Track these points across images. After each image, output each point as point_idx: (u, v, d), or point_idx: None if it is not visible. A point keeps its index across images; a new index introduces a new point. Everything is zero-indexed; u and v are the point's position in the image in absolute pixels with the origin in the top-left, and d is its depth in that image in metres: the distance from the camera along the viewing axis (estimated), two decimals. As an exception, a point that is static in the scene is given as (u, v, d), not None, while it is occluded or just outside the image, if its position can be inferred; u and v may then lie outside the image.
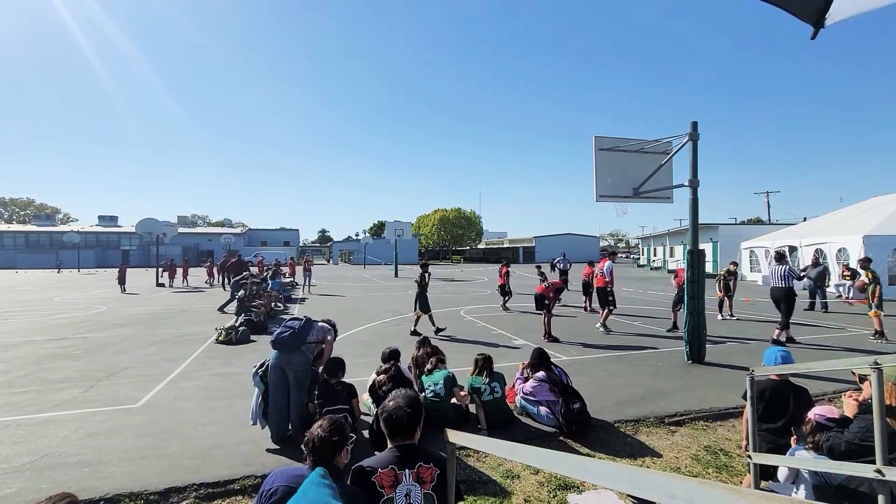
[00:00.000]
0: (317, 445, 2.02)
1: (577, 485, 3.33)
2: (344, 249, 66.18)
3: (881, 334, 8.43)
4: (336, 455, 2.04)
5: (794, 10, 1.52)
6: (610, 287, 9.46)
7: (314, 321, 4.50)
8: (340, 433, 2.07)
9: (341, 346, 8.05)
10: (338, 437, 2.04)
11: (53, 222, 64.18)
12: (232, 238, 51.82)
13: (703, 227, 25.70)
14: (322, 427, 2.06)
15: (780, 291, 8.31)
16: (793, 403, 3.15)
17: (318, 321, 4.57)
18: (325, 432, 2.03)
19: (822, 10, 1.46)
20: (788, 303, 8.25)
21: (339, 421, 2.15)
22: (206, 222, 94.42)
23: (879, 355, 1.81)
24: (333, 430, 2.06)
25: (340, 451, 2.06)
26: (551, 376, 4.60)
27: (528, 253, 65.06)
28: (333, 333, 4.59)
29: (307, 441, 2.04)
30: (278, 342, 4.17)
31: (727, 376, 6.10)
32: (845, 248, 16.59)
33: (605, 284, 9.48)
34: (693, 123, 6.89)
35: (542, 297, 8.96)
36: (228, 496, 3.33)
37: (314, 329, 4.40)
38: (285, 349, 4.16)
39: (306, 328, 4.32)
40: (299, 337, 4.22)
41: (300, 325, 4.31)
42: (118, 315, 12.34)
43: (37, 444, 4.07)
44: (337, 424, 2.10)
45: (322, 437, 2.02)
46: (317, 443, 2.02)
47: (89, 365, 6.88)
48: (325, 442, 2.01)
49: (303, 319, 4.42)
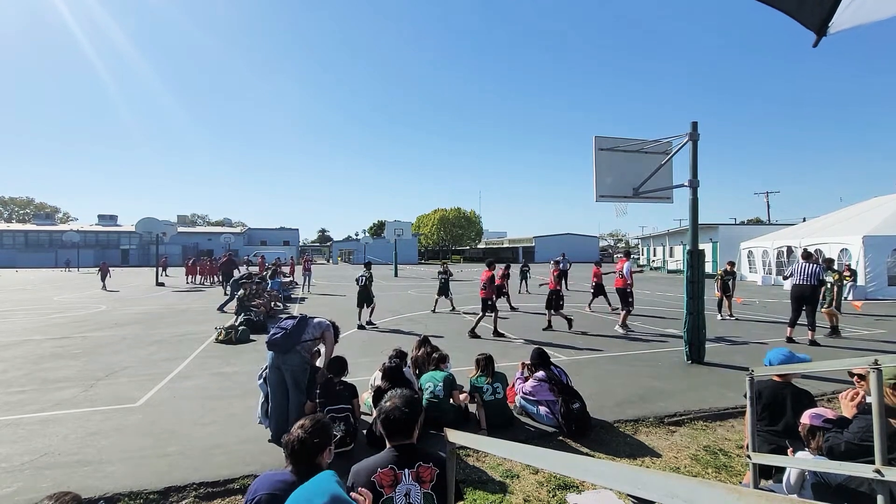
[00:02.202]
0: (296, 448, 1.92)
1: (576, 484, 3.33)
2: (344, 249, 66.16)
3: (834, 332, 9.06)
4: (317, 457, 1.95)
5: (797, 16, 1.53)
6: (629, 288, 9.50)
7: (310, 318, 4.43)
8: (322, 434, 1.98)
9: (341, 345, 8.05)
10: (319, 438, 1.95)
11: (53, 221, 64.16)
12: (231, 237, 51.73)
13: (703, 227, 25.71)
14: (303, 427, 1.97)
15: (809, 289, 8.30)
16: (790, 405, 3.14)
17: (315, 318, 4.50)
18: (306, 433, 1.94)
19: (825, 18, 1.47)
20: (816, 301, 8.34)
21: (322, 421, 2.06)
22: (206, 222, 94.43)
23: (879, 355, 1.81)
24: (315, 430, 1.97)
25: (322, 452, 1.97)
26: (551, 376, 4.61)
27: (528, 253, 65.04)
28: (332, 330, 4.52)
29: (286, 443, 1.95)
30: (271, 343, 4.14)
31: (727, 376, 6.11)
32: (847, 248, 16.59)
33: (624, 285, 9.55)
34: (693, 123, 6.89)
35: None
36: (228, 495, 3.33)
37: (309, 327, 4.33)
38: (279, 350, 4.13)
39: (300, 328, 4.23)
40: (292, 337, 4.14)
41: (293, 324, 4.22)
42: (118, 314, 12.33)
43: (36, 443, 4.07)
44: (319, 425, 2.01)
45: (302, 439, 1.92)
46: (296, 445, 1.93)
47: (89, 364, 6.88)
48: (304, 444, 1.92)
49: (297, 318, 4.33)
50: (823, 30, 1.50)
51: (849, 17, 1.43)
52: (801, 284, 8.41)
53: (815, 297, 8.32)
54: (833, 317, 9.08)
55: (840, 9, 1.43)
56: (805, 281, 8.34)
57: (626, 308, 9.57)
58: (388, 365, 4.50)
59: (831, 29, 1.48)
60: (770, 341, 8.41)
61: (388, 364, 4.54)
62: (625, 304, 9.59)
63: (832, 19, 1.46)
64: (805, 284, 8.33)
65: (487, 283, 9.12)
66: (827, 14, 1.46)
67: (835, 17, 1.45)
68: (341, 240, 74.37)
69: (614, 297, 11.02)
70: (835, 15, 1.45)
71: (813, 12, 1.48)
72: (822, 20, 1.48)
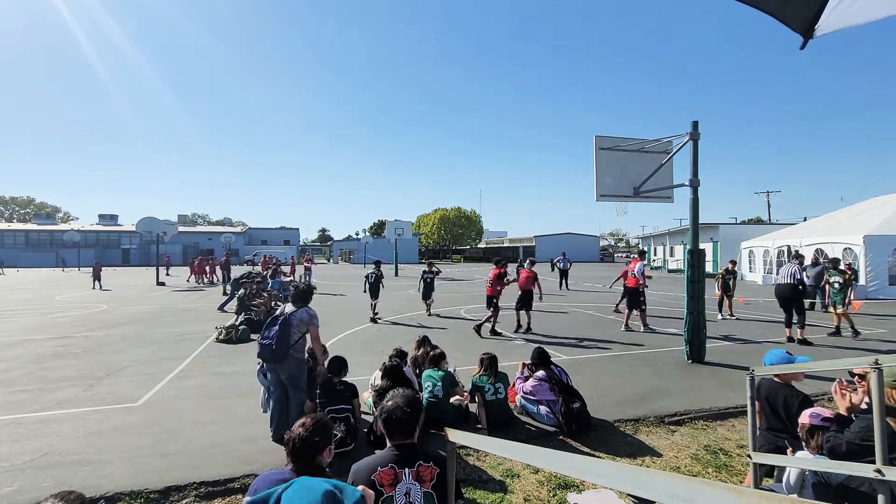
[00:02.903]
0: (297, 446, 1.92)
1: (576, 484, 3.33)
2: (344, 248, 66.11)
3: (838, 332, 8.94)
4: (318, 455, 1.95)
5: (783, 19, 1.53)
6: (642, 288, 9.52)
7: (290, 317, 4.15)
8: (323, 432, 1.98)
9: (342, 345, 8.06)
10: (320, 436, 1.95)
11: (54, 221, 64.14)
12: (232, 237, 51.74)
13: (704, 226, 25.71)
14: (304, 426, 1.97)
15: (787, 288, 8.33)
16: (783, 405, 3.14)
17: (294, 312, 4.21)
18: (308, 431, 1.94)
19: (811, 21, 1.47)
20: (796, 300, 8.32)
21: (323, 420, 2.07)
22: (207, 221, 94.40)
23: (880, 355, 1.81)
24: (316, 429, 1.96)
25: (323, 450, 1.97)
26: (551, 375, 4.61)
27: (528, 252, 65.04)
28: (314, 317, 4.28)
29: (287, 440, 1.95)
30: (263, 358, 4.10)
31: (727, 376, 6.10)
32: (852, 248, 16.56)
33: (636, 285, 9.56)
34: (694, 123, 6.88)
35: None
36: (228, 495, 3.34)
37: (293, 327, 4.13)
38: (273, 363, 4.08)
39: (284, 336, 4.03)
40: (280, 349, 4.00)
41: (277, 335, 4.01)
42: (119, 314, 12.34)
43: (37, 442, 4.08)
44: (320, 423, 2.01)
45: (303, 437, 1.92)
46: (297, 443, 1.92)
47: (90, 363, 6.89)
48: (305, 442, 1.92)
49: (278, 324, 4.07)
50: (810, 32, 1.49)
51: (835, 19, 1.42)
52: (780, 284, 8.53)
53: (796, 296, 8.30)
54: (845, 318, 8.84)
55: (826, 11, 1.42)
56: (784, 280, 8.43)
57: (637, 308, 9.54)
58: (389, 364, 4.50)
59: (818, 32, 1.48)
60: (770, 341, 8.40)
61: (388, 363, 4.54)
62: (636, 303, 9.55)
63: (818, 22, 1.46)
64: (784, 284, 8.40)
65: (494, 281, 9.22)
66: (813, 17, 1.45)
67: (821, 19, 1.45)
68: (342, 239, 74.28)
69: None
70: (821, 18, 1.45)
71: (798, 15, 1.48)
72: (809, 23, 1.48)
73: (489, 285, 9.30)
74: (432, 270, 12.19)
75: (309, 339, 4.38)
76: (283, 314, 4.18)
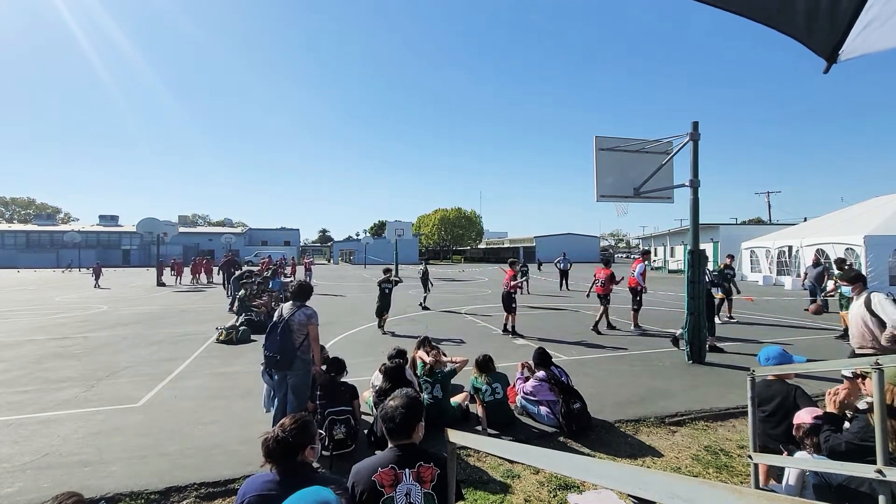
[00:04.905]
0: (270, 447, 1.88)
1: (577, 485, 3.33)
2: (344, 249, 66.07)
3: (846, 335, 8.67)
4: (297, 455, 1.93)
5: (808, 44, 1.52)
6: (639, 287, 9.56)
7: (290, 321, 4.07)
8: (300, 433, 1.95)
9: (342, 345, 8.06)
10: (295, 437, 1.92)
11: (54, 222, 64.22)
12: (232, 238, 51.77)
13: (704, 227, 25.66)
14: (282, 426, 1.94)
15: None
16: (777, 402, 3.15)
17: (294, 314, 4.11)
18: (284, 432, 1.91)
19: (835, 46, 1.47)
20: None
21: (303, 420, 2.05)
22: (207, 222, 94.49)
23: (880, 356, 1.81)
24: (293, 430, 1.94)
25: (303, 451, 1.95)
26: (551, 376, 4.60)
27: (528, 253, 65.01)
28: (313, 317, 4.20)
29: (263, 441, 1.92)
30: (270, 367, 4.04)
31: (727, 376, 6.10)
32: (852, 248, 16.55)
33: (636, 285, 9.58)
34: (694, 123, 6.88)
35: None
36: (229, 495, 3.33)
37: (295, 332, 4.07)
38: (282, 370, 4.04)
39: (287, 343, 3.96)
40: (286, 357, 3.95)
41: (280, 343, 3.94)
42: (119, 314, 12.35)
43: (38, 443, 4.08)
44: (299, 424, 1.99)
45: (279, 439, 1.89)
46: (271, 444, 1.88)
47: (90, 364, 6.89)
48: (279, 443, 1.88)
49: (279, 330, 3.98)
50: (834, 57, 1.49)
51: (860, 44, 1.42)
52: None
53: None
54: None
55: (850, 37, 1.42)
56: None
57: (634, 307, 9.57)
58: (389, 365, 4.51)
59: (842, 56, 1.48)
60: (770, 341, 8.40)
61: (388, 364, 4.54)
62: (633, 302, 9.59)
63: (842, 47, 1.46)
64: None
65: (607, 280, 9.50)
66: (838, 42, 1.45)
67: (845, 44, 1.45)
68: (342, 240, 74.27)
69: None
70: (845, 43, 1.44)
71: (823, 40, 1.48)
72: (833, 48, 1.47)
73: (600, 285, 9.60)
74: (390, 280, 10.06)
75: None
76: (282, 319, 4.08)
